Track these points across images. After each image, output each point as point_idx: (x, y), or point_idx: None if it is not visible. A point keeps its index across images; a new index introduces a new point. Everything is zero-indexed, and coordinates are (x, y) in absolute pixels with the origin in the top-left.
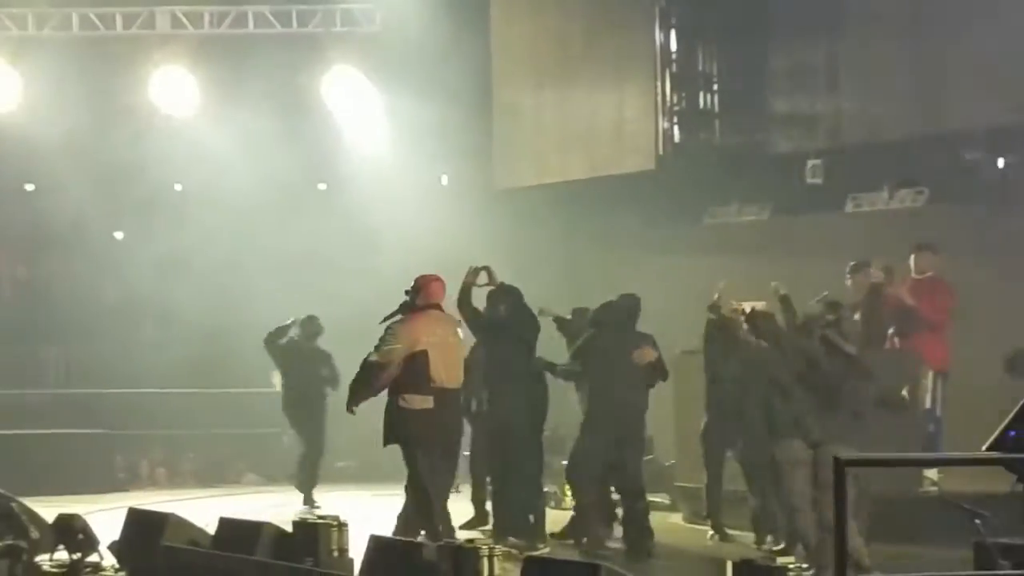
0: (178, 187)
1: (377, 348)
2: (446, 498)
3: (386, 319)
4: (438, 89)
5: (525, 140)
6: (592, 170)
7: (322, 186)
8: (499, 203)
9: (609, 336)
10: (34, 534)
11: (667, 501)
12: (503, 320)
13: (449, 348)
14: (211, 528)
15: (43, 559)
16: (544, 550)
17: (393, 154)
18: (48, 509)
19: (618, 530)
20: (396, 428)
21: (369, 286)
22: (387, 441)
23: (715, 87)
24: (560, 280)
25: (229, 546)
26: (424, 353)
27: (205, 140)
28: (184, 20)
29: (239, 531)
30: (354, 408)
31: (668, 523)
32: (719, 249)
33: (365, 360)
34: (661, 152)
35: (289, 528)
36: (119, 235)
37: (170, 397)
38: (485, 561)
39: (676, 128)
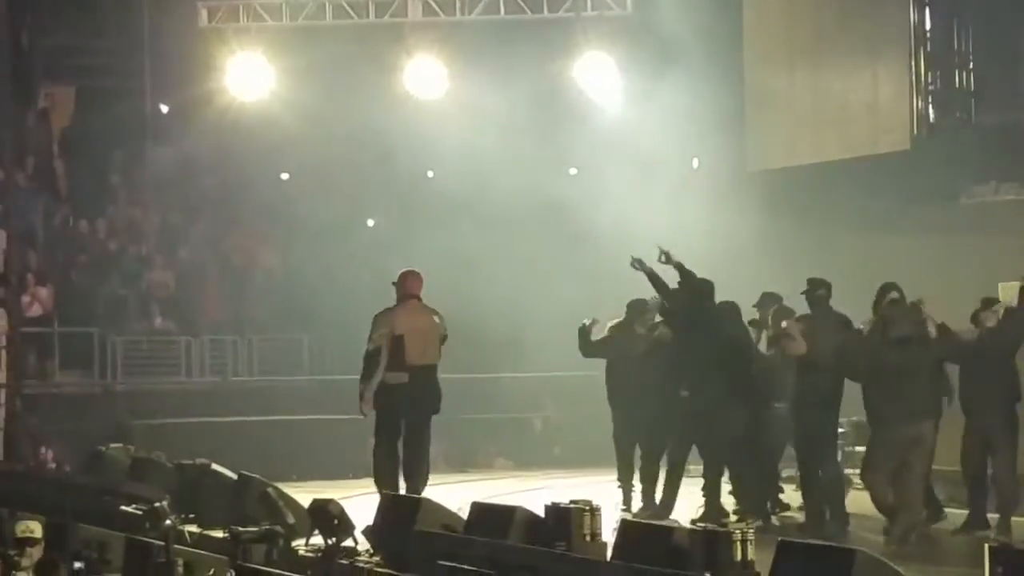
0: (430, 174)
1: (368, 339)
2: (396, 461)
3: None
4: (689, 72)
5: (778, 121)
6: (846, 151)
7: (573, 171)
8: (751, 185)
9: None
10: (290, 519)
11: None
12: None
13: (423, 332)
14: (464, 513)
15: (299, 544)
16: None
17: (644, 137)
18: (304, 494)
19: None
20: (379, 398)
21: (623, 269)
22: (375, 407)
23: (971, 65)
24: (814, 263)
25: (482, 531)
26: (401, 337)
27: (458, 127)
28: (436, 7)
29: (492, 516)
30: (366, 400)
31: None
32: (977, 229)
33: (365, 352)
34: (916, 132)
35: (541, 512)
36: (371, 222)
37: None
38: (739, 545)
39: (931, 107)
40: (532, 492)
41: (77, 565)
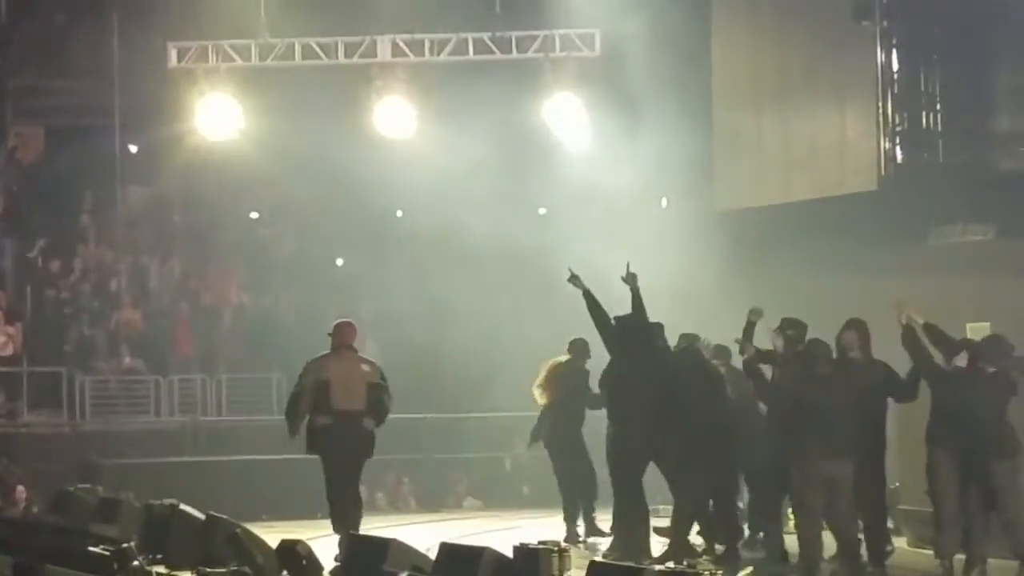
0: (399, 213)
1: (296, 383)
2: (343, 499)
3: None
4: (658, 112)
5: (746, 162)
6: (814, 191)
7: (542, 210)
8: (719, 225)
9: None
10: (259, 560)
11: (890, 525)
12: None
13: (350, 379)
14: (432, 553)
15: None
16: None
17: (613, 177)
18: (272, 535)
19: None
20: (308, 440)
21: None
22: (308, 451)
23: (938, 106)
24: (782, 302)
25: (450, 571)
26: (327, 383)
27: (427, 166)
28: (404, 48)
29: (460, 556)
30: (294, 434)
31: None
32: (944, 269)
33: (290, 394)
34: (884, 173)
35: (510, 553)
36: (340, 261)
37: (391, 422)
38: None
39: (899, 148)
40: (501, 532)
41: None
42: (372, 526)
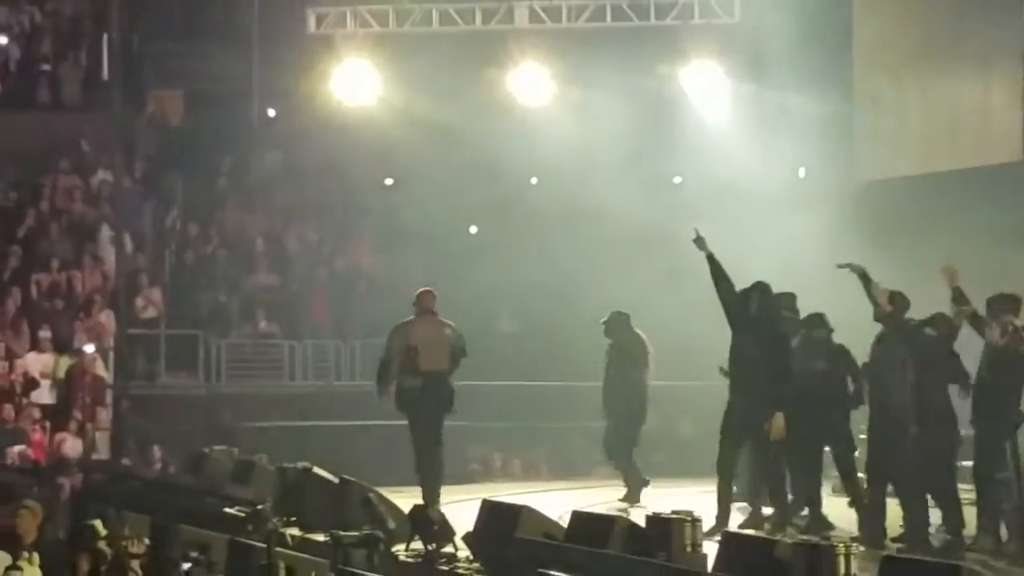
0: (534, 180)
1: (385, 348)
2: (433, 450)
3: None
4: (797, 80)
5: (887, 131)
6: (956, 162)
7: (677, 179)
8: (859, 196)
9: None
10: (391, 524)
11: None
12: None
13: (435, 343)
14: (564, 521)
15: (399, 549)
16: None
17: (751, 145)
18: (404, 500)
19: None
20: (398, 400)
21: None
22: (398, 409)
23: None
24: (920, 275)
25: (582, 539)
26: (415, 347)
27: (562, 134)
28: (542, 14)
29: (592, 524)
30: (383, 395)
31: None
32: None
33: (380, 359)
34: None
35: (642, 522)
36: (473, 229)
37: (524, 389)
38: (842, 559)
39: None
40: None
41: (185, 566)
42: (504, 493)
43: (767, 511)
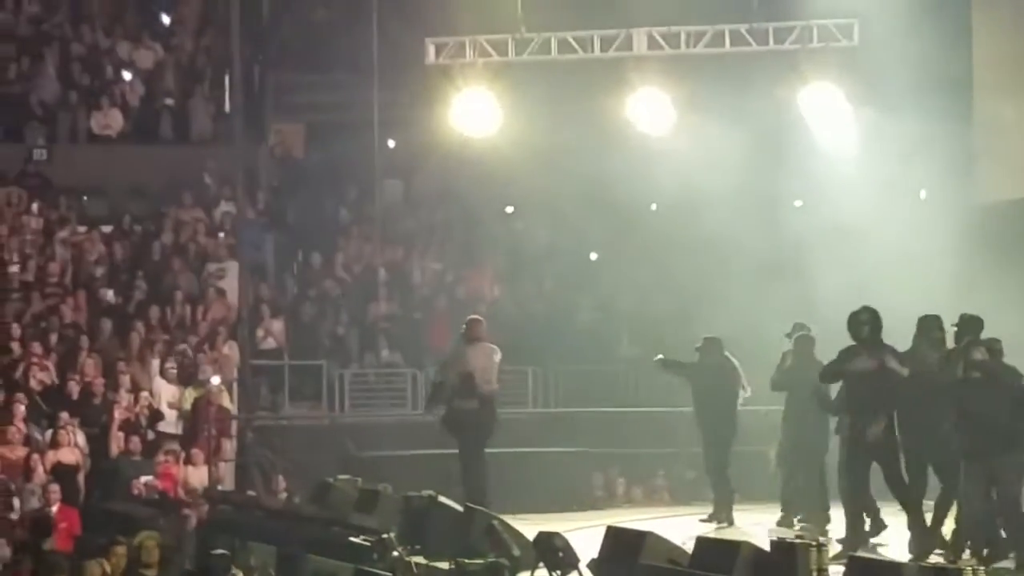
0: (654, 207)
1: (440, 371)
2: (481, 473)
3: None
4: (918, 102)
5: (1009, 152)
6: None
7: (798, 203)
8: (981, 217)
9: None
10: (515, 552)
11: None
12: None
13: (488, 367)
14: (689, 547)
15: None
16: None
17: (871, 169)
18: (529, 527)
19: None
20: (450, 422)
21: (847, 300)
22: (451, 431)
23: None
24: None
25: (707, 565)
26: (471, 373)
27: (681, 159)
28: (661, 41)
29: (717, 550)
30: (436, 415)
31: None
32: None
33: (435, 382)
34: None
35: (767, 548)
36: (593, 255)
37: (648, 415)
38: None
39: None
40: (758, 526)
41: None
42: (627, 519)
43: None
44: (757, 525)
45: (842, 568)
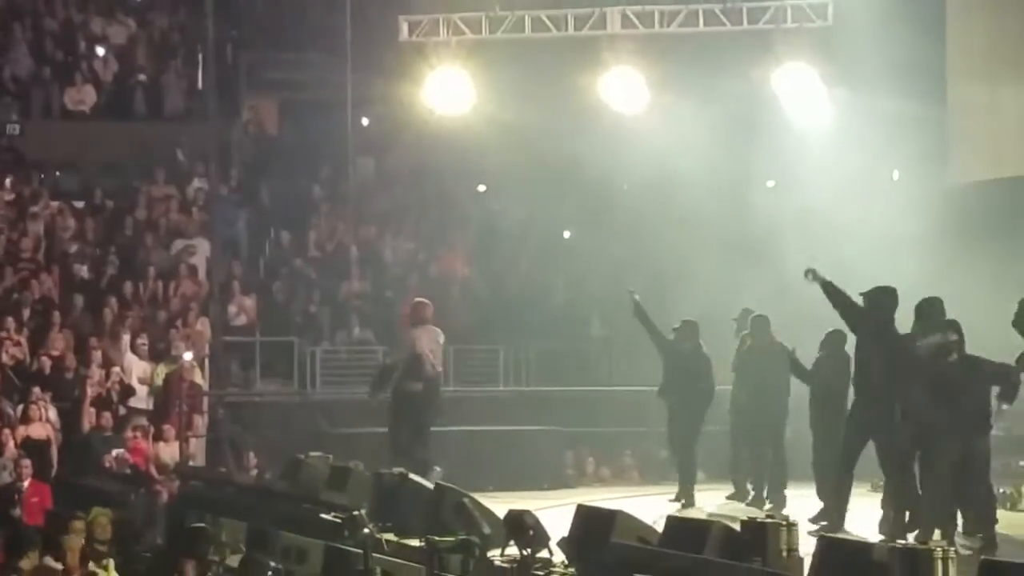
0: (625, 186)
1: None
2: (424, 457)
3: None
4: (891, 84)
5: (981, 134)
6: None
7: (771, 183)
8: (952, 198)
9: None
10: (486, 530)
11: None
12: None
13: (435, 350)
14: (659, 526)
15: (494, 554)
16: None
17: (844, 150)
18: (499, 505)
19: None
20: (397, 404)
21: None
22: (396, 412)
23: None
24: (1014, 276)
25: (677, 544)
26: (420, 355)
27: (653, 139)
28: (635, 19)
29: (687, 529)
30: (378, 396)
31: None
32: None
33: (383, 365)
34: None
35: (737, 527)
36: (567, 234)
37: (619, 394)
38: (939, 564)
39: None
40: (727, 505)
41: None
42: (597, 497)
43: None
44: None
45: (811, 548)
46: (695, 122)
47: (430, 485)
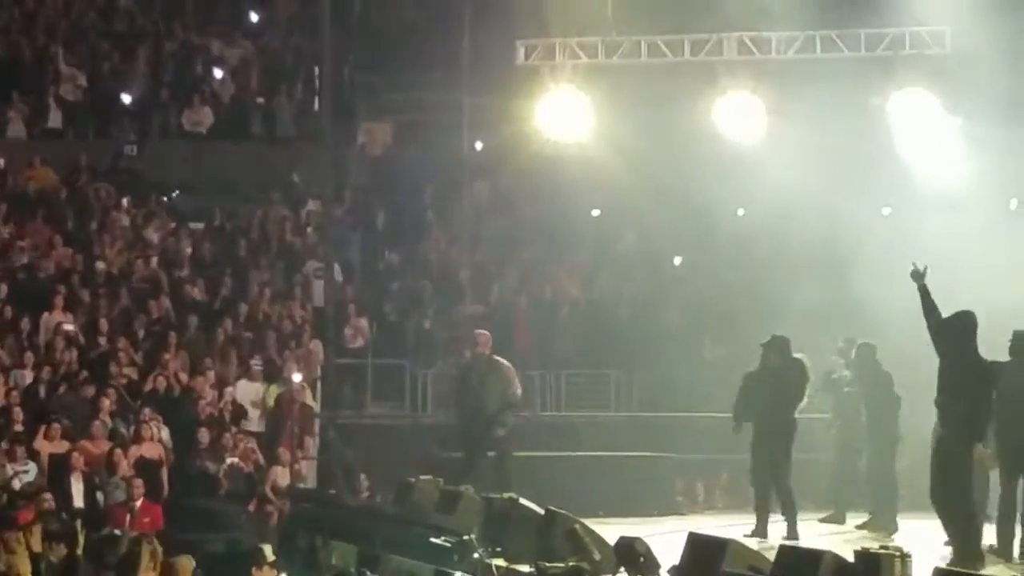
0: (740, 212)
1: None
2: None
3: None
4: (1009, 111)
5: None
6: None
7: (887, 210)
8: None
9: None
10: (596, 556)
11: None
12: None
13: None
14: (771, 555)
15: None
16: None
17: (962, 177)
18: (610, 531)
19: None
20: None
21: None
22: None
23: None
24: None
25: (789, 573)
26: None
27: (769, 165)
28: (751, 46)
29: (799, 559)
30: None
31: None
32: None
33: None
34: None
35: (850, 557)
36: (678, 260)
37: (727, 421)
38: None
39: None
40: (839, 535)
41: None
42: (708, 524)
43: None
44: (828, 535)
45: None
46: (810, 148)
47: (540, 511)
